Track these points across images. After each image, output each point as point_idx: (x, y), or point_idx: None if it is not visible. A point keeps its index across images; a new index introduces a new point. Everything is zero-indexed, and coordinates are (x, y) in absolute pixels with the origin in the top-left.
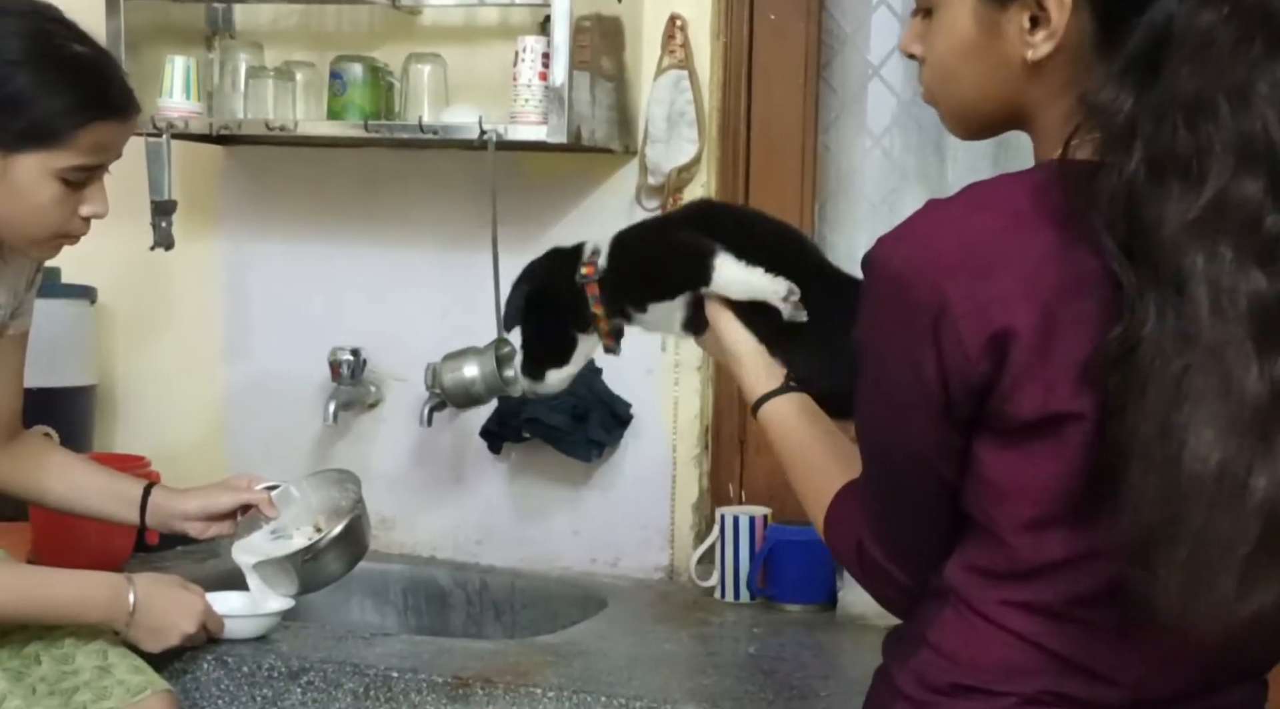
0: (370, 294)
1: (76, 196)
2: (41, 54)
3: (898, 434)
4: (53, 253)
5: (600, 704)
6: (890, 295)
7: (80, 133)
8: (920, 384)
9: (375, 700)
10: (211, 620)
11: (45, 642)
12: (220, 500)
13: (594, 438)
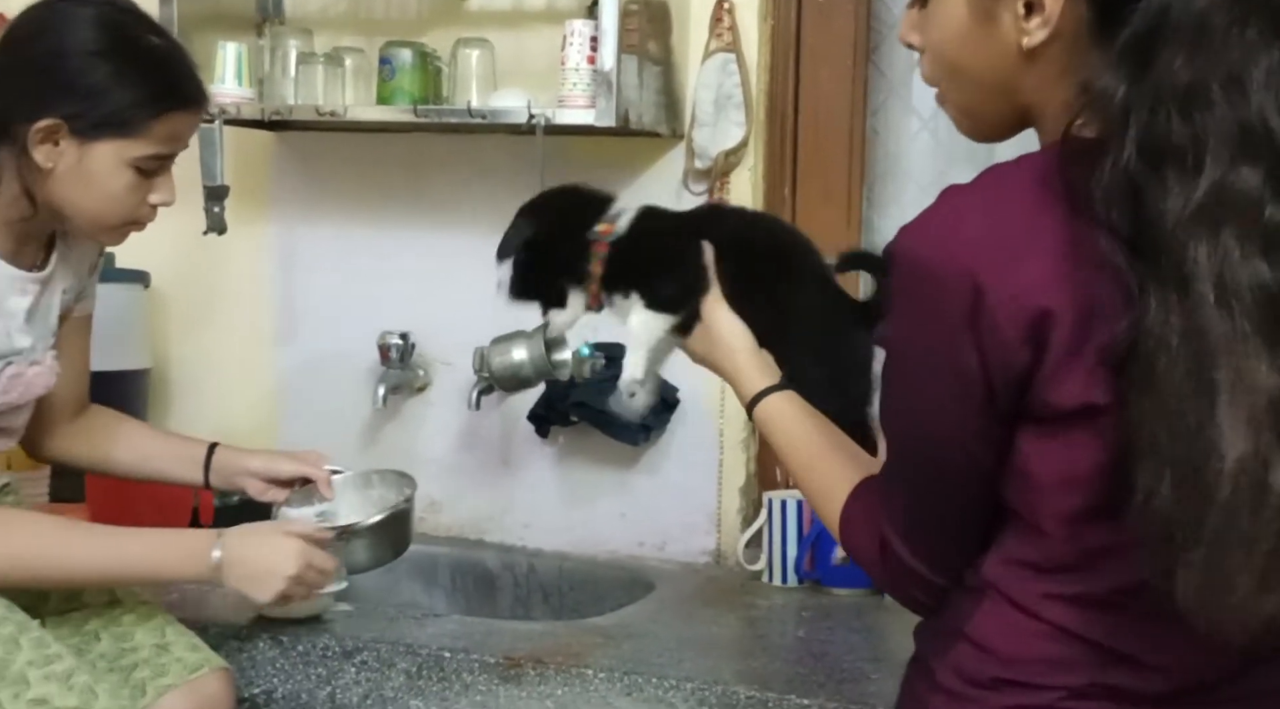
0: (419, 278)
1: (147, 185)
2: (118, 45)
3: (935, 429)
4: (120, 239)
5: (651, 685)
6: (920, 287)
7: (155, 122)
8: (959, 376)
9: (428, 680)
10: (318, 559)
11: (104, 619)
12: (283, 466)
13: (641, 422)
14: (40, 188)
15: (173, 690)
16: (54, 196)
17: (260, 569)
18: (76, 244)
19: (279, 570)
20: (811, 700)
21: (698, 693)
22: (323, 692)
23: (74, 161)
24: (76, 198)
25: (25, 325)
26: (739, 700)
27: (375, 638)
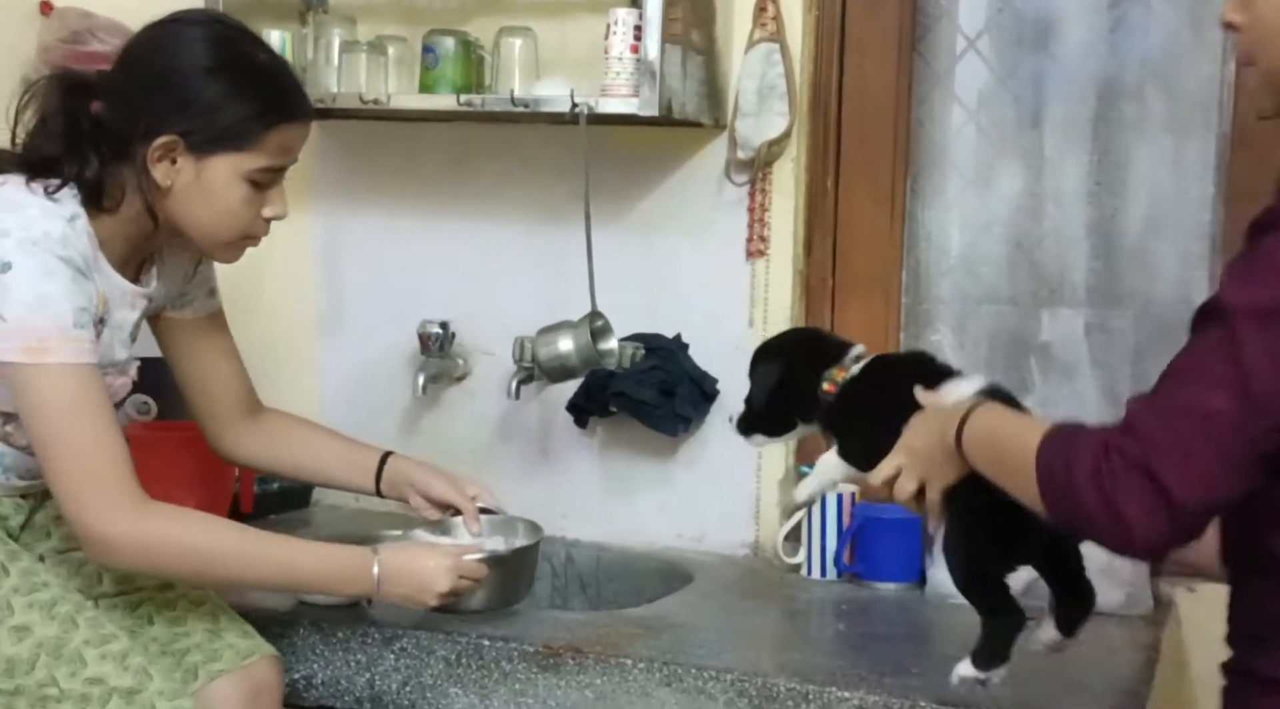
0: (460, 267)
1: (260, 198)
2: (230, 62)
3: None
4: (237, 255)
5: (691, 676)
6: None
7: (267, 135)
8: None
9: (467, 668)
10: (469, 569)
11: (157, 603)
12: (438, 487)
13: (681, 413)
14: (160, 205)
15: (225, 675)
16: (173, 213)
17: (414, 587)
18: (171, 259)
19: (432, 588)
20: (852, 694)
21: (737, 684)
22: (362, 678)
23: (191, 178)
24: (195, 214)
25: (128, 339)
26: (779, 692)
27: (415, 625)
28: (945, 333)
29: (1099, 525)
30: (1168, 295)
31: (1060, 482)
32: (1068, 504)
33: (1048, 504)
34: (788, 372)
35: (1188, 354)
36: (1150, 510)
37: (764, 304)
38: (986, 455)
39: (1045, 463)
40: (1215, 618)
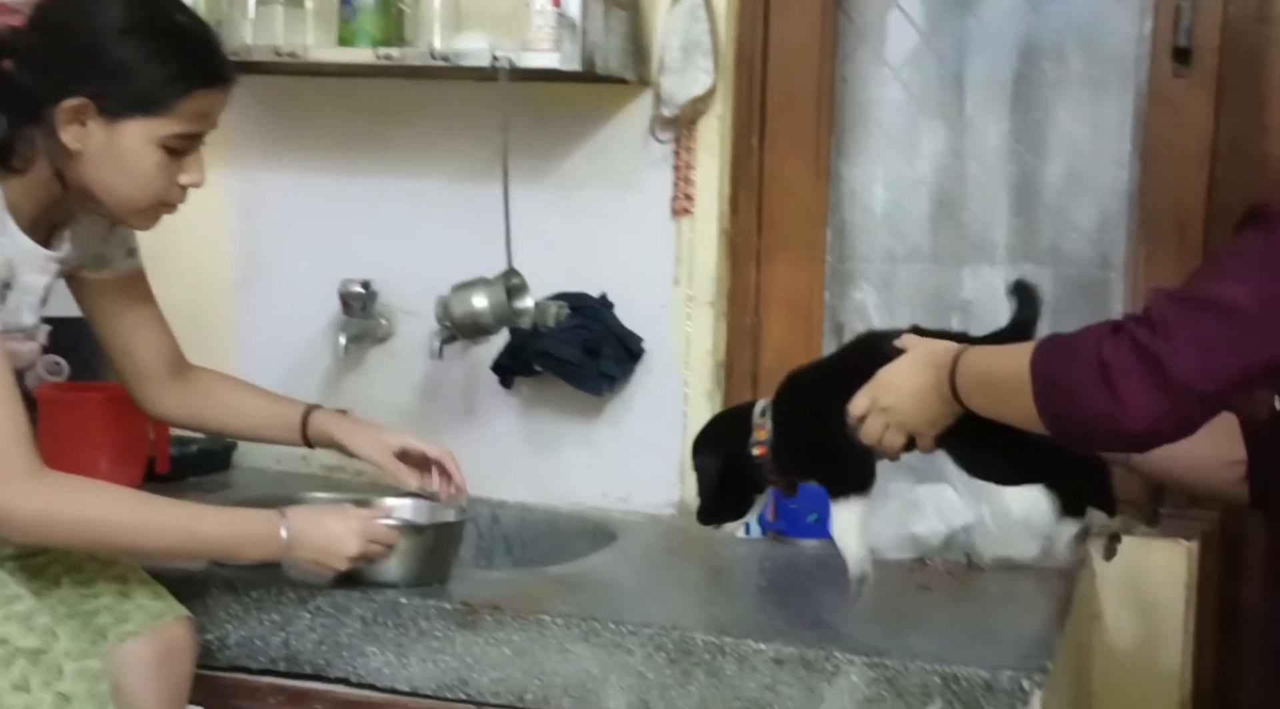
0: (382, 226)
1: (176, 165)
2: (145, 22)
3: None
4: (152, 222)
5: (609, 631)
6: None
7: (183, 101)
8: None
9: (383, 627)
10: (380, 533)
11: (65, 565)
12: (358, 443)
13: (605, 372)
14: (70, 169)
15: (135, 637)
16: (83, 178)
17: (321, 551)
18: (85, 221)
19: (341, 551)
20: (768, 645)
21: (655, 638)
22: (277, 638)
23: (102, 142)
24: (106, 179)
25: (37, 304)
26: (696, 645)
27: (331, 585)
28: (869, 291)
29: (1095, 408)
30: (1085, 253)
31: (1055, 373)
32: (1061, 392)
33: (1041, 401)
34: (725, 460)
35: (1223, 251)
36: (1152, 392)
37: (689, 263)
38: (983, 394)
39: (1041, 363)
40: (1130, 571)
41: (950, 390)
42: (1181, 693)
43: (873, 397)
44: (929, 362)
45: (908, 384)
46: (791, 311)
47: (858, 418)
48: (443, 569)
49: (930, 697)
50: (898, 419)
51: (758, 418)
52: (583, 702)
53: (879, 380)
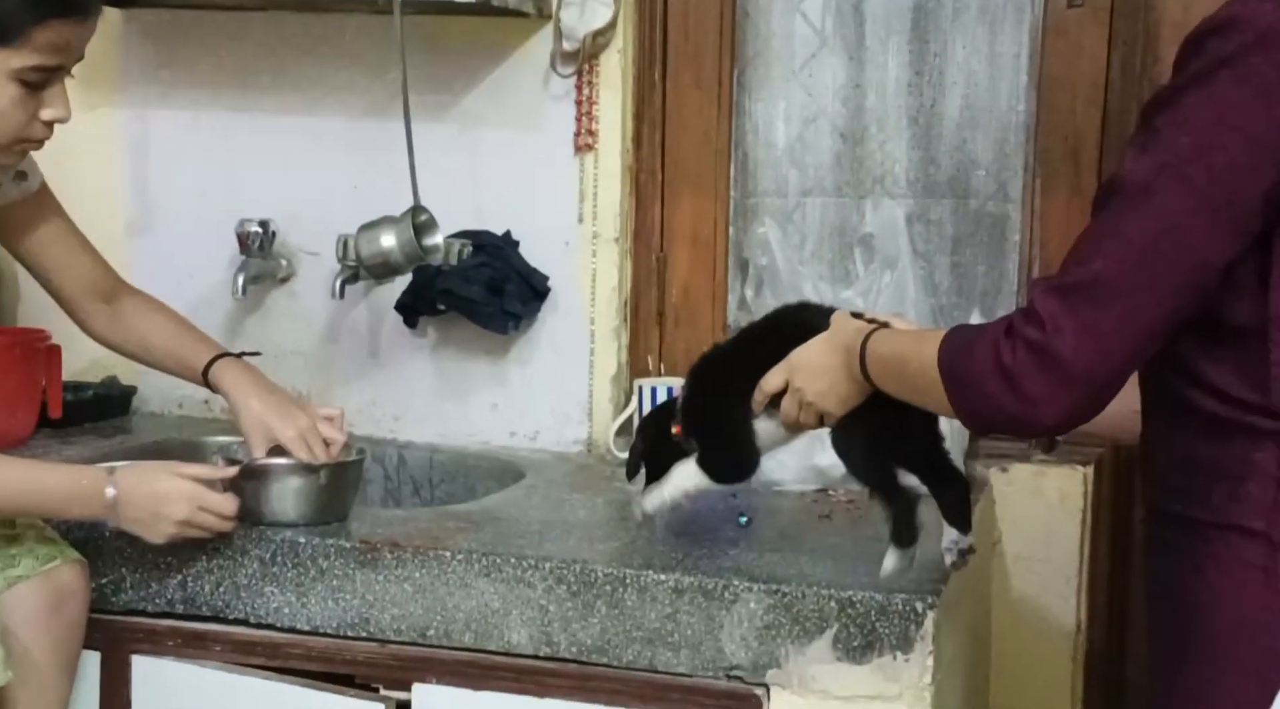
0: (279, 164)
1: (36, 100)
2: None
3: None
4: (15, 160)
5: (510, 565)
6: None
7: (35, 31)
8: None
9: (282, 566)
10: (211, 501)
11: None
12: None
13: (510, 310)
14: None
15: (24, 582)
16: None
17: (148, 512)
18: None
19: (167, 514)
20: (668, 576)
21: (556, 571)
22: (174, 580)
23: None
24: None
25: None
26: (597, 577)
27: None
28: (772, 226)
29: (1007, 412)
30: (984, 186)
31: (963, 376)
32: (974, 396)
33: (956, 403)
34: (650, 439)
35: (1086, 231)
36: (1056, 387)
37: (593, 199)
38: (894, 378)
39: (947, 364)
40: (1026, 497)
41: (861, 371)
42: (1077, 615)
43: (787, 377)
44: (840, 342)
45: (819, 364)
46: (696, 247)
47: (769, 393)
48: (341, 509)
49: (826, 621)
50: (808, 399)
51: (679, 406)
52: (485, 636)
53: (792, 361)
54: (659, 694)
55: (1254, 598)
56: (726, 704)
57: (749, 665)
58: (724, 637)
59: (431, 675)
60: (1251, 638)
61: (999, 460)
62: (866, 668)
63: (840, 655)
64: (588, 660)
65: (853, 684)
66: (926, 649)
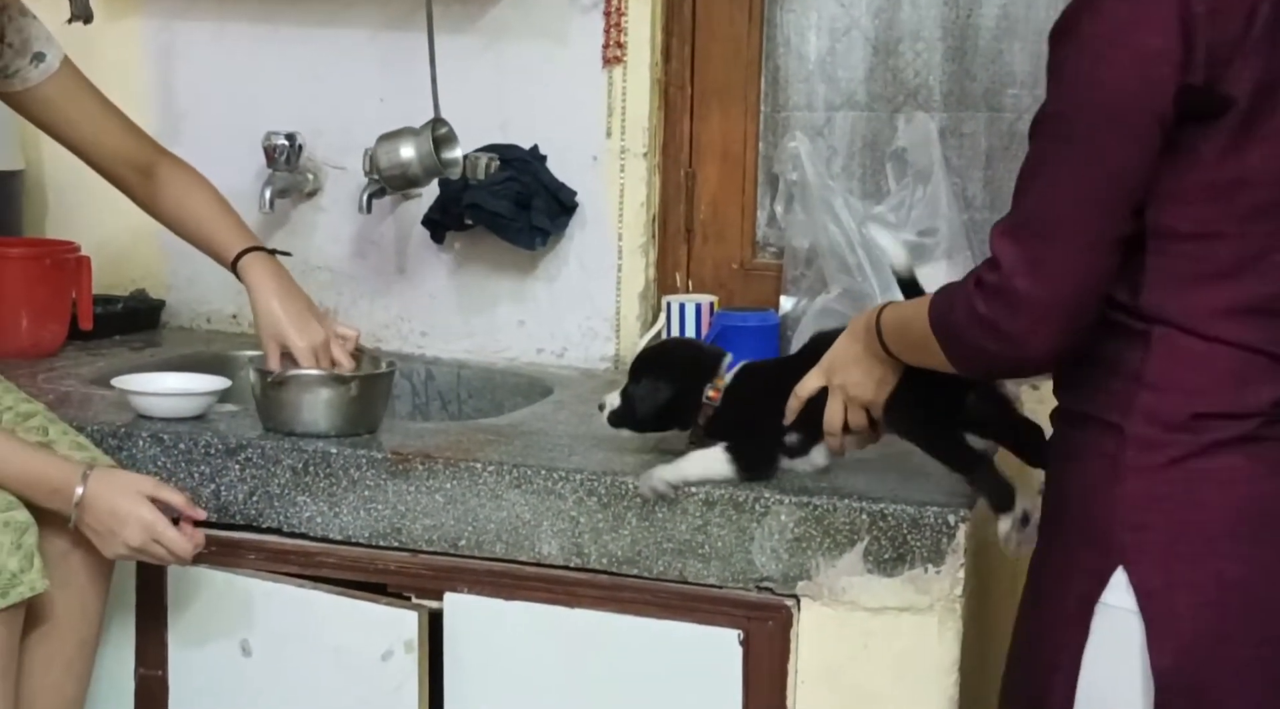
0: (306, 76)
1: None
2: None
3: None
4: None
5: (540, 477)
6: None
7: None
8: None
9: (314, 477)
10: (167, 538)
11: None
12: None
13: (538, 225)
14: None
15: None
16: None
17: (105, 528)
18: None
19: (122, 537)
20: (699, 488)
21: (586, 483)
22: (207, 489)
23: None
24: None
25: None
26: (627, 490)
27: (260, 436)
28: (803, 141)
29: (997, 356)
30: (1020, 99)
31: (951, 331)
32: (964, 348)
33: (950, 356)
34: (678, 390)
35: (1021, 170)
36: (1034, 324)
37: (621, 113)
38: (906, 345)
39: (936, 321)
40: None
41: (881, 347)
42: None
43: (825, 380)
44: (858, 328)
45: (847, 354)
46: (726, 162)
47: (804, 398)
48: (371, 420)
49: (858, 534)
50: (851, 393)
51: (724, 370)
52: (516, 547)
53: (825, 364)
54: (689, 605)
55: (1100, 485)
56: (757, 615)
57: (779, 577)
58: (754, 549)
59: (463, 585)
60: (1095, 522)
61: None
62: (897, 580)
63: (871, 567)
64: (618, 571)
65: (883, 596)
66: (958, 562)
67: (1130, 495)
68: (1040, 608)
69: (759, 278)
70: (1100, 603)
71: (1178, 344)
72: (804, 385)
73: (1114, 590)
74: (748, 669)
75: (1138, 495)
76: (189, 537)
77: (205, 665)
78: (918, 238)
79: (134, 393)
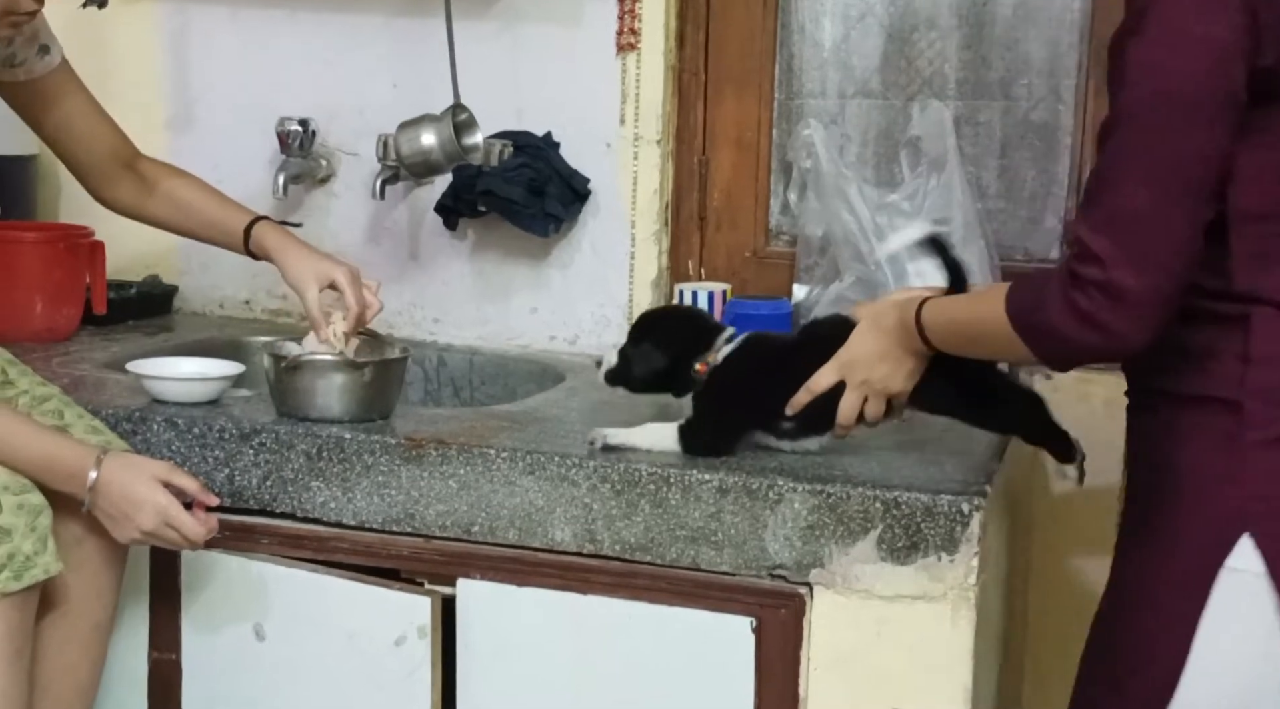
0: (319, 61)
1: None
2: None
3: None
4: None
5: (554, 464)
6: None
7: None
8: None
9: (328, 462)
10: (181, 522)
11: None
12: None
13: (551, 212)
14: None
15: None
16: None
17: (119, 512)
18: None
19: (135, 522)
20: (712, 476)
21: (600, 471)
22: (221, 474)
23: None
24: None
25: None
26: (641, 477)
27: (274, 421)
28: (817, 128)
29: (1097, 348)
30: (1036, 87)
31: (1043, 328)
32: (1059, 342)
33: (1039, 351)
34: (672, 358)
35: (1106, 166)
36: (1137, 314)
37: (635, 100)
38: (963, 341)
39: (1022, 322)
40: (1069, 404)
41: (921, 342)
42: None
43: (841, 376)
44: (887, 325)
45: (873, 351)
46: (740, 150)
47: (816, 392)
48: (385, 406)
49: (871, 522)
50: (877, 386)
51: (721, 343)
52: (529, 533)
53: (843, 359)
54: (702, 592)
55: (1218, 459)
56: (770, 602)
57: (792, 565)
58: (768, 536)
59: (476, 571)
60: (1215, 493)
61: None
62: (911, 568)
63: (884, 556)
64: (631, 558)
65: (897, 584)
66: (972, 550)
67: (1253, 465)
68: (1143, 579)
69: (772, 266)
70: (1224, 568)
71: (1278, 321)
72: (818, 381)
73: (1239, 555)
74: (760, 657)
75: (1261, 465)
76: (202, 522)
77: (218, 650)
78: (931, 226)
79: (149, 377)
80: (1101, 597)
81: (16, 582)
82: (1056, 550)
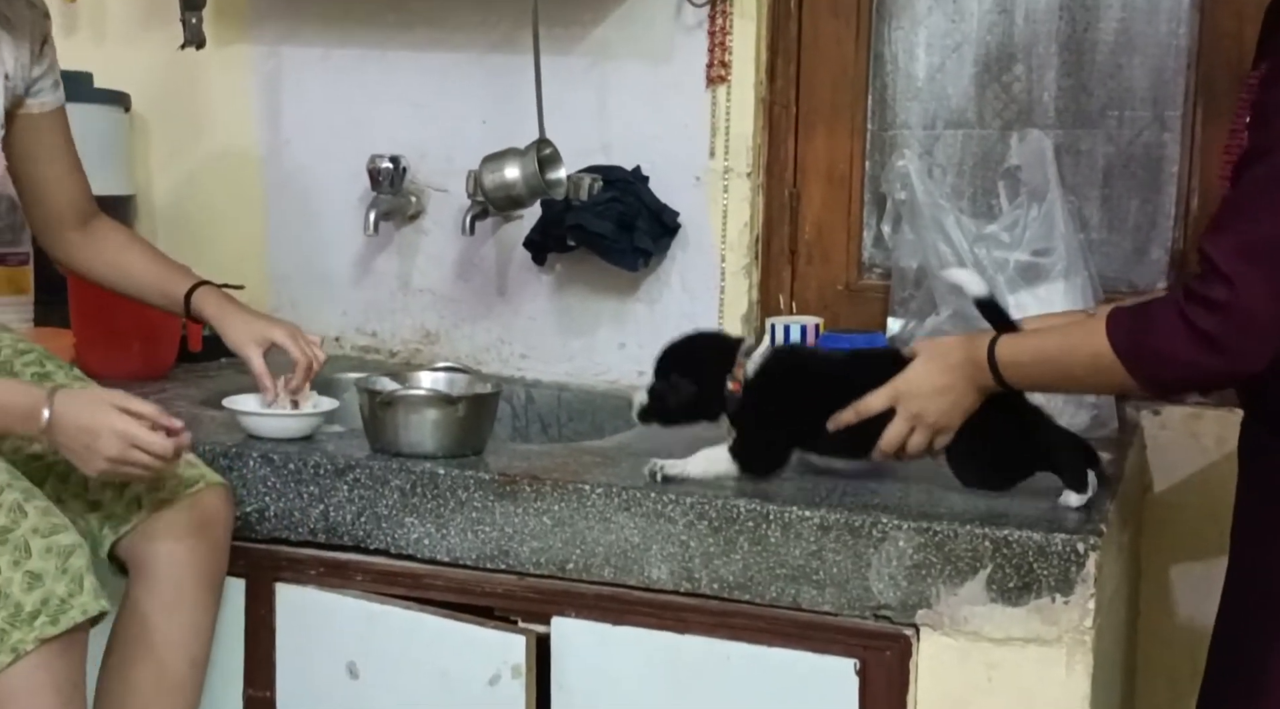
0: (409, 100)
1: None
2: None
3: None
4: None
5: (650, 500)
6: None
7: None
8: None
9: (422, 497)
10: (145, 440)
11: None
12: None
13: (640, 246)
14: None
15: (170, 506)
16: None
17: (79, 443)
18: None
19: (98, 449)
20: (813, 512)
21: (697, 507)
22: (315, 510)
23: None
24: None
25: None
26: (739, 513)
27: (369, 457)
28: (912, 159)
29: (1212, 371)
30: (1139, 115)
31: (1152, 352)
32: (1169, 366)
33: (1144, 377)
34: (700, 384)
35: (1249, 191)
36: (1254, 339)
37: (725, 133)
38: (1049, 375)
39: (1126, 346)
40: (1178, 442)
41: (992, 379)
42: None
43: (894, 402)
44: (953, 361)
45: (933, 385)
46: (831, 182)
47: (865, 415)
48: (477, 441)
49: (980, 561)
50: (930, 419)
51: (743, 355)
52: (625, 571)
53: (900, 388)
54: (803, 632)
55: None
56: (874, 644)
57: (898, 605)
58: (871, 575)
59: (571, 609)
60: None
61: (1151, 403)
62: (1023, 610)
63: (995, 596)
64: (730, 597)
65: (1008, 626)
66: (1088, 591)
67: None
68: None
69: (865, 299)
70: None
71: None
72: (869, 404)
73: None
74: (864, 700)
75: None
76: (168, 437)
77: (312, 687)
78: (1032, 257)
79: (244, 413)
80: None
81: (54, 626)
82: (1169, 593)
